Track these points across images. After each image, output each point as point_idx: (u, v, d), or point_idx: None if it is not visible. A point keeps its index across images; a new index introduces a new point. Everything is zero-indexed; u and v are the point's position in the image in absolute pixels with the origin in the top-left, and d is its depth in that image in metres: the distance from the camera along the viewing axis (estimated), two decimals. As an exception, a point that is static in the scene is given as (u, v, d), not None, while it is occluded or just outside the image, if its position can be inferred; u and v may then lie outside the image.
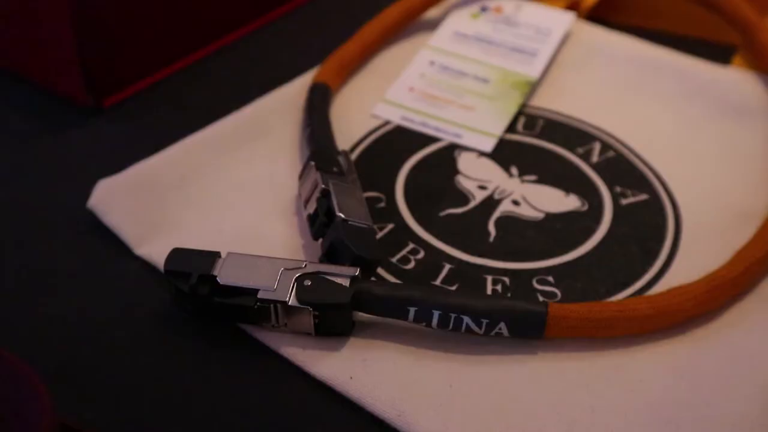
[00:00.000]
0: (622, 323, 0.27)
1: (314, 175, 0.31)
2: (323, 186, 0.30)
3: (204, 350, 0.27)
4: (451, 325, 0.26)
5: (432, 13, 0.43)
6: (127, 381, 0.26)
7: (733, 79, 0.38)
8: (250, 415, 0.25)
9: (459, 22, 0.42)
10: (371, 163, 0.34)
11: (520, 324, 0.26)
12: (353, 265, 0.27)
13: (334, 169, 0.31)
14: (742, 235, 0.30)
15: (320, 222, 0.29)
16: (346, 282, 0.26)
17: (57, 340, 0.27)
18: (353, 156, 0.35)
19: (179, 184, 0.33)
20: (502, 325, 0.26)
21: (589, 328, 0.26)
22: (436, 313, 0.26)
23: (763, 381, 0.25)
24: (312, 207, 0.30)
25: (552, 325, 0.26)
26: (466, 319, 0.26)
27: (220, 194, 0.32)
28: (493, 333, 0.26)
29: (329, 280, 0.26)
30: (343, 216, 0.29)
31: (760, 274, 0.29)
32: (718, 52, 0.41)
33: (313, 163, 0.31)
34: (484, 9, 0.42)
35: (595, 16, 0.45)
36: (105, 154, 0.35)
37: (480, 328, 0.26)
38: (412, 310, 0.26)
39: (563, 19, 0.41)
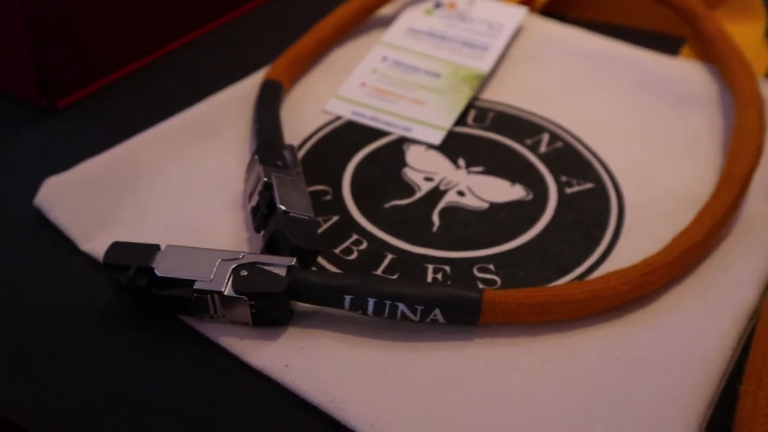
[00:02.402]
0: (557, 308, 0.27)
1: (258, 169, 0.31)
2: (266, 179, 0.30)
3: (146, 342, 0.27)
4: (386, 312, 0.26)
5: (387, 9, 0.43)
6: (70, 374, 0.27)
7: (680, 69, 0.38)
8: (188, 404, 0.26)
9: (413, 18, 0.42)
10: (320, 157, 0.35)
11: (455, 310, 0.26)
12: (292, 255, 0.28)
13: (279, 163, 0.31)
14: (684, 221, 0.30)
15: (262, 214, 0.29)
16: (282, 272, 0.27)
17: (0, 334, 0.28)
18: (303, 151, 0.35)
19: (127, 180, 0.33)
20: (436, 311, 0.26)
21: (524, 313, 0.27)
22: (371, 301, 0.26)
23: (694, 361, 0.26)
24: (255, 200, 0.30)
25: (487, 311, 0.26)
26: (401, 307, 0.26)
27: (168, 190, 0.33)
28: (428, 320, 0.27)
29: (265, 270, 0.27)
30: (284, 208, 0.29)
31: (696, 258, 0.29)
32: (669, 44, 0.41)
33: (257, 157, 0.31)
34: (438, 5, 0.43)
35: (550, 11, 0.45)
36: (58, 155, 0.35)
37: (415, 315, 0.26)
38: (347, 299, 0.26)
39: (515, 14, 0.41)
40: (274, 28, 0.44)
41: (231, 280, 0.26)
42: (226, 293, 0.26)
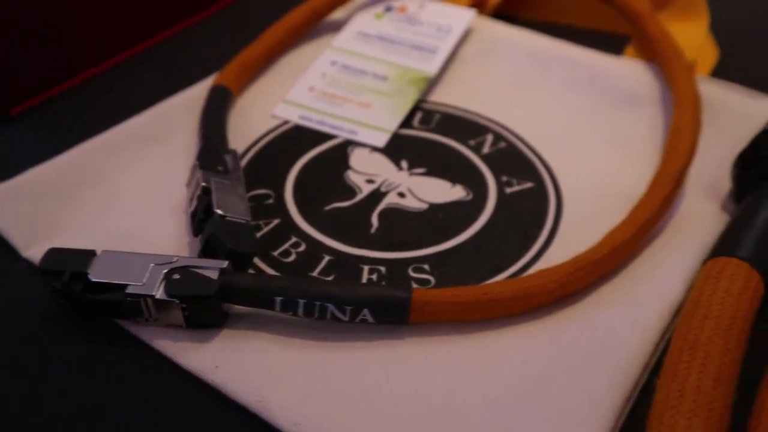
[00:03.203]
0: (486, 306, 0.27)
1: (198, 174, 0.31)
2: (204, 184, 0.30)
3: (82, 345, 0.28)
4: (316, 313, 0.27)
5: (339, 14, 0.43)
6: (7, 376, 0.27)
7: (623, 69, 0.39)
8: (121, 407, 0.26)
9: (363, 22, 0.42)
10: (265, 161, 0.35)
11: (384, 310, 0.27)
12: (227, 258, 0.28)
13: (219, 167, 0.32)
14: (620, 219, 0.31)
15: (199, 218, 0.30)
16: (214, 275, 0.27)
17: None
18: (249, 155, 0.36)
19: (73, 187, 0.33)
20: (366, 311, 0.27)
21: (454, 311, 0.27)
22: (301, 302, 0.27)
23: (615, 356, 0.26)
24: (194, 205, 0.31)
25: (416, 311, 0.27)
26: (331, 307, 0.27)
27: (113, 196, 0.33)
28: (358, 320, 0.27)
29: (197, 273, 0.27)
30: (220, 212, 0.29)
31: (627, 255, 0.29)
32: (618, 44, 0.42)
33: (197, 162, 0.32)
34: (388, 9, 0.43)
35: (503, 13, 0.46)
36: (10, 163, 0.36)
37: (345, 315, 0.27)
38: (278, 300, 0.27)
39: (464, 17, 0.42)
40: (230, 34, 0.44)
41: (163, 283, 0.27)
42: (158, 297, 0.26)
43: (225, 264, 0.27)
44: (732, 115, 0.36)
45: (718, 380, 0.23)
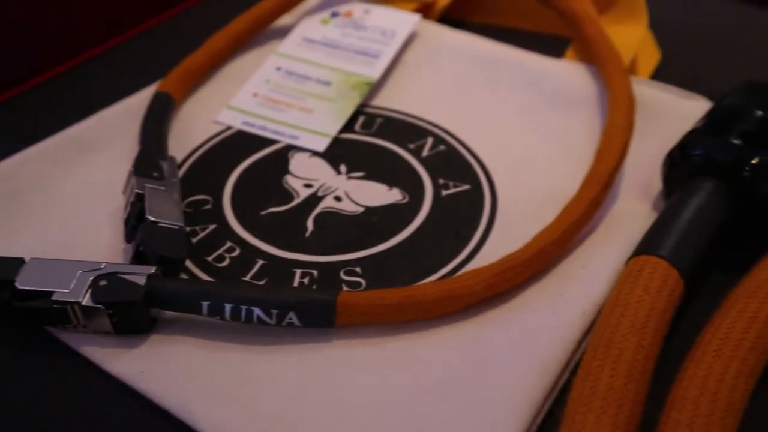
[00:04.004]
0: (412, 308, 0.27)
1: (132, 181, 0.31)
2: (137, 191, 0.31)
3: (12, 353, 0.28)
4: (243, 317, 0.27)
5: (285, 20, 0.44)
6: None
7: (563, 70, 0.39)
8: (49, 413, 0.26)
9: (309, 28, 0.43)
10: (205, 167, 0.35)
11: (310, 313, 0.27)
12: (158, 264, 0.28)
13: (155, 174, 0.32)
14: (552, 219, 0.31)
15: (131, 225, 0.30)
16: (141, 280, 0.27)
17: None
18: (189, 161, 0.36)
19: (12, 194, 0.33)
20: (292, 314, 0.27)
21: (379, 314, 0.27)
22: (227, 307, 0.27)
23: (537, 355, 0.26)
24: (128, 211, 0.31)
25: (341, 313, 0.27)
26: (257, 311, 0.27)
27: (52, 203, 0.33)
28: (284, 323, 0.27)
29: (124, 279, 0.27)
30: (151, 218, 0.30)
31: (555, 254, 0.30)
32: (561, 46, 0.42)
33: (132, 169, 0.32)
34: (334, 14, 0.43)
35: (451, 17, 0.46)
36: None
37: (271, 318, 0.27)
38: (204, 305, 0.27)
39: (408, 21, 0.42)
40: (179, 42, 0.44)
41: (90, 290, 0.27)
42: (84, 303, 0.27)
43: (153, 270, 0.27)
44: (667, 115, 0.36)
45: (630, 377, 0.24)
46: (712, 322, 0.26)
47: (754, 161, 0.29)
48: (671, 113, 0.36)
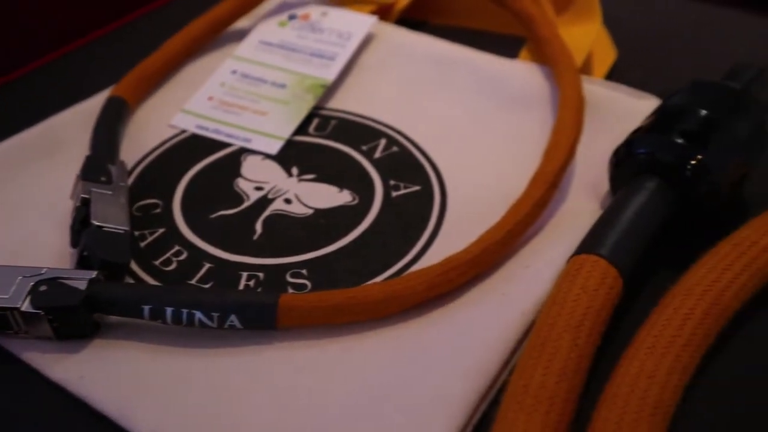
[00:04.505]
0: (354, 309, 0.28)
1: (79, 186, 0.31)
2: (83, 195, 0.31)
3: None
4: (184, 320, 0.27)
5: (243, 22, 0.44)
6: None
7: (517, 71, 0.39)
8: (-10, 420, 0.26)
9: (266, 31, 0.43)
10: (157, 171, 0.35)
11: (251, 316, 0.27)
12: (101, 268, 0.28)
13: (102, 178, 0.32)
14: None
15: (76, 230, 0.30)
16: (82, 285, 0.27)
17: None
18: (142, 165, 0.36)
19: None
20: (233, 317, 0.27)
21: (321, 315, 0.27)
22: (168, 310, 0.27)
23: (479, 356, 0.26)
24: (73, 216, 0.31)
25: (283, 315, 0.27)
26: (198, 314, 0.27)
27: (1, 209, 0.33)
28: (226, 326, 0.27)
29: (65, 284, 0.27)
30: (96, 223, 0.30)
31: (499, 254, 0.30)
32: (518, 47, 0.42)
33: (79, 173, 0.32)
34: (292, 17, 0.43)
35: (411, 19, 0.46)
36: None
37: (212, 321, 0.27)
38: (146, 309, 0.27)
39: (364, 23, 0.42)
40: (136, 47, 0.44)
41: (30, 296, 0.27)
42: (23, 309, 0.27)
43: (94, 274, 0.27)
44: (618, 114, 0.36)
45: (563, 375, 0.24)
46: (649, 319, 0.26)
47: (695, 160, 0.30)
48: (622, 112, 0.37)
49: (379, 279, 0.30)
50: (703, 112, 0.31)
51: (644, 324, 0.26)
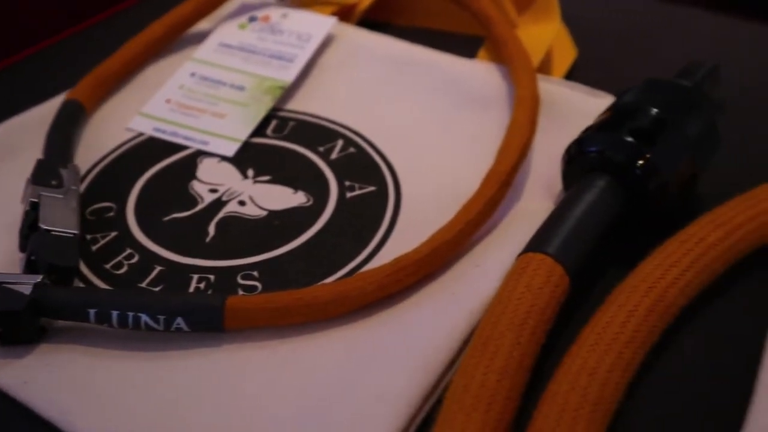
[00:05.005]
0: (302, 310, 0.27)
1: (29, 190, 0.31)
2: (32, 199, 0.31)
3: None
4: (130, 324, 0.27)
5: (203, 25, 0.44)
6: None
7: (474, 70, 0.39)
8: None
9: (226, 33, 0.43)
10: (113, 174, 0.35)
11: (197, 318, 0.27)
12: (48, 272, 0.28)
13: (53, 182, 0.32)
14: (453, 219, 0.31)
15: (24, 234, 0.30)
16: (27, 289, 0.27)
17: None
18: (97, 169, 0.36)
19: None
20: (179, 320, 0.27)
21: (269, 317, 0.27)
22: (114, 314, 0.27)
23: (424, 356, 0.26)
24: (22, 220, 0.31)
25: (230, 318, 0.27)
26: (144, 317, 0.27)
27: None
28: (173, 329, 0.27)
29: (9, 288, 0.27)
30: (44, 227, 0.29)
31: (450, 254, 0.30)
32: (478, 47, 0.42)
33: (30, 177, 0.32)
34: (252, 19, 0.43)
35: (374, 20, 0.46)
36: None
37: (159, 324, 0.27)
38: (91, 312, 0.27)
39: (323, 24, 0.42)
40: (96, 51, 0.44)
41: (-27, 301, 0.27)
42: (-35, 314, 0.26)
43: (39, 278, 0.27)
44: (574, 113, 0.36)
45: (504, 374, 0.24)
46: (594, 316, 0.26)
47: (643, 159, 0.30)
48: (578, 111, 0.37)
49: (330, 280, 0.30)
50: (654, 110, 0.31)
51: (589, 321, 0.26)
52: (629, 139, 0.30)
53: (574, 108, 0.37)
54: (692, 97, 0.33)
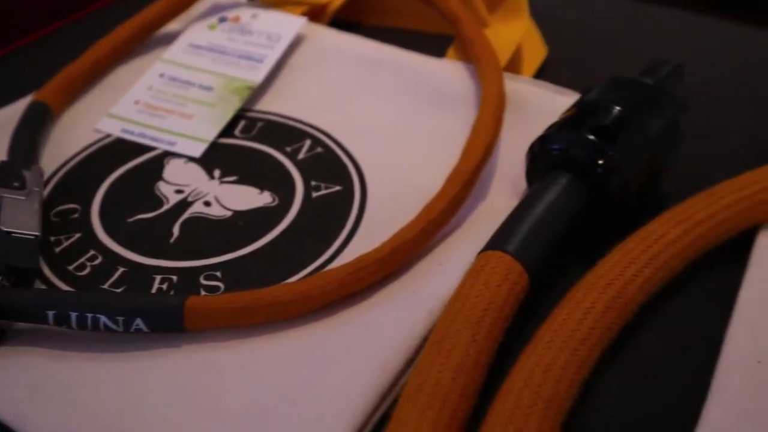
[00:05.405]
0: (263, 310, 0.27)
1: (-9, 191, 0.31)
2: (-8, 201, 0.31)
3: None
4: (89, 325, 0.27)
5: (173, 26, 0.44)
6: None
7: (443, 70, 0.40)
8: None
9: (195, 34, 0.43)
10: (79, 176, 0.35)
11: (157, 319, 0.27)
12: (8, 274, 0.28)
13: (15, 183, 0.32)
14: (418, 218, 0.32)
15: (-16, 236, 0.30)
16: (-14, 292, 0.27)
17: None
18: (63, 170, 0.36)
19: None
20: (139, 321, 0.27)
21: (229, 317, 0.27)
22: (73, 315, 0.27)
23: (382, 355, 0.26)
24: (-17, 222, 0.31)
25: (189, 318, 0.27)
26: (103, 319, 0.27)
27: None
28: (132, 330, 0.27)
29: (-33, 291, 0.27)
30: (5, 228, 0.29)
31: (412, 253, 0.30)
32: (447, 46, 0.42)
33: (-9, 179, 0.32)
34: (222, 19, 0.43)
35: (346, 20, 0.46)
36: None
37: (118, 325, 0.27)
38: (50, 314, 0.27)
39: (293, 25, 0.42)
40: (68, 52, 0.44)
41: (-70, 303, 0.27)
42: (-75, 317, 0.26)
43: (-1, 280, 0.27)
44: (542, 112, 0.36)
45: (460, 372, 0.24)
46: (552, 314, 0.26)
47: (605, 157, 0.30)
48: (545, 110, 0.37)
49: (293, 279, 0.30)
50: (617, 108, 0.32)
51: (546, 319, 0.26)
52: (591, 137, 0.30)
53: (541, 106, 0.37)
54: (655, 95, 0.33)
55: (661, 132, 0.32)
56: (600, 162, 0.30)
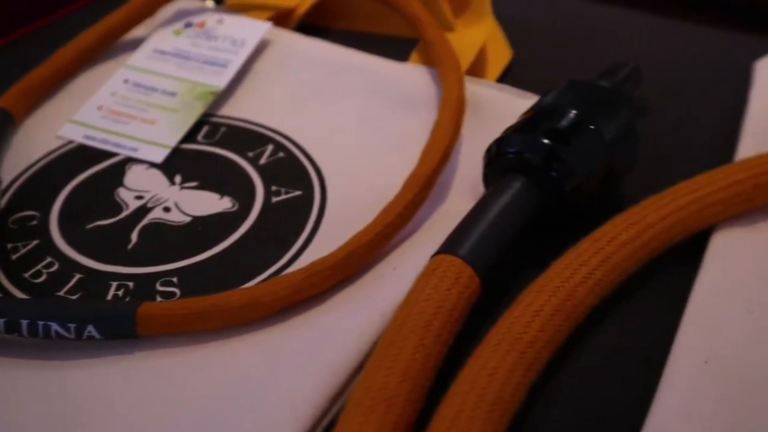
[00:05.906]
0: (216, 315, 0.28)
1: (-56, 199, 0.31)
2: (-55, 209, 0.31)
3: None
4: (40, 333, 0.27)
5: (139, 31, 0.44)
6: None
7: (405, 73, 0.40)
8: None
9: (160, 39, 0.43)
10: (39, 182, 0.35)
11: (108, 325, 0.27)
12: (-42, 282, 0.28)
13: (-29, 191, 0.32)
14: (377, 223, 0.32)
15: (-63, 244, 0.30)
16: (-63, 300, 0.27)
17: None
18: (23, 177, 0.36)
19: None
20: (90, 327, 0.27)
21: (183, 323, 0.27)
22: (24, 323, 0.27)
23: (333, 359, 0.26)
24: (-63, 230, 0.31)
25: (142, 324, 0.27)
26: (54, 326, 0.27)
27: None
28: (84, 336, 0.27)
29: None
30: (-44, 236, 0.29)
31: (367, 258, 0.30)
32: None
33: (-55, 186, 0.32)
34: (187, 25, 0.43)
35: (313, 25, 0.46)
36: None
37: (69, 333, 0.27)
38: (0, 322, 0.27)
39: (258, 29, 0.42)
40: (33, 57, 0.44)
41: None
42: None
43: (-51, 289, 0.27)
44: (501, 115, 0.36)
45: (406, 375, 0.24)
46: (501, 317, 0.26)
47: (558, 160, 0.30)
48: (505, 113, 0.37)
49: (250, 285, 0.30)
50: (573, 111, 0.32)
51: (496, 322, 0.26)
52: (545, 140, 0.31)
53: (502, 110, 0.37)
54: (611, 98, 0.33)
55: (617, 135, 0.32)
56: (554, 165, 0.30)
